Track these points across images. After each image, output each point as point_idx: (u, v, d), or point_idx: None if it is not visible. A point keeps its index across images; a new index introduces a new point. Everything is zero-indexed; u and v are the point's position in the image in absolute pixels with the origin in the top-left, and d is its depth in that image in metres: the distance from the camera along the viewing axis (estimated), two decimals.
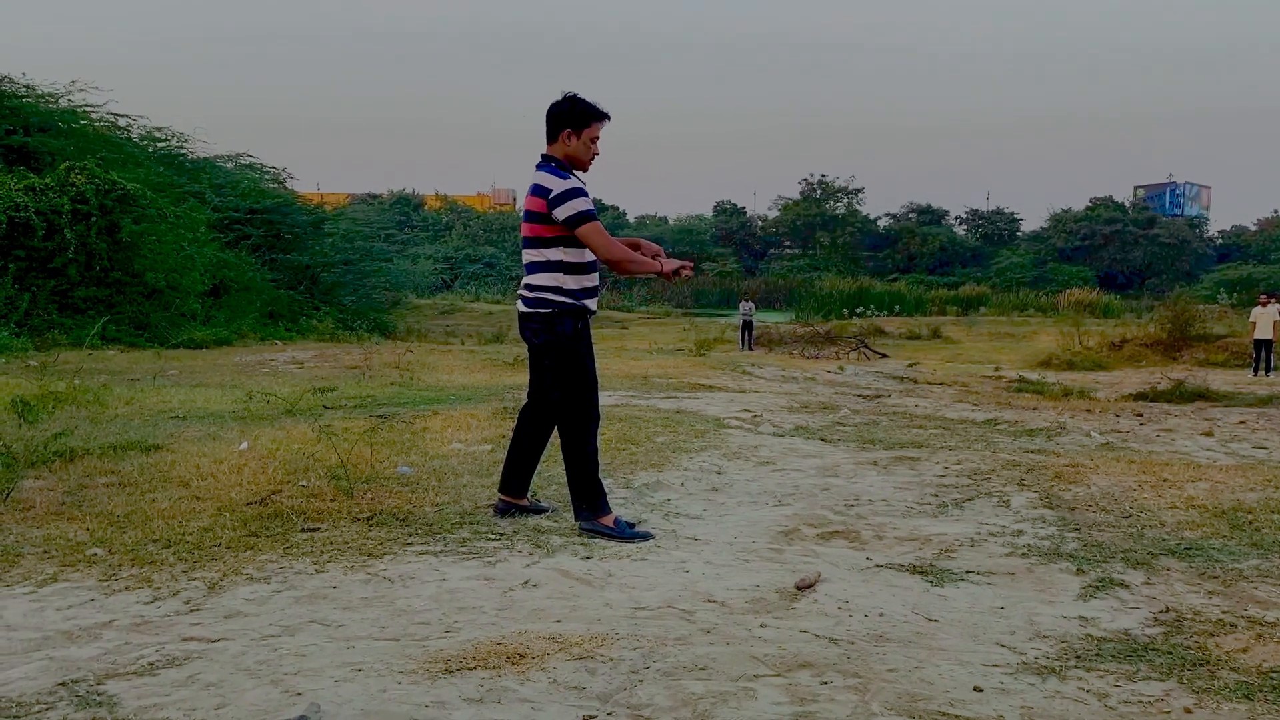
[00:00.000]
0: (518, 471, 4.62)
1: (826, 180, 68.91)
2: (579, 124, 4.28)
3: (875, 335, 30.76)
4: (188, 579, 3.60)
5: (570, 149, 4.31)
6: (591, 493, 4.37)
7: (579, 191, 4.22)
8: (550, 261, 4.30)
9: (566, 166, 4.32)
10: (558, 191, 4.19)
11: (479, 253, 61.96)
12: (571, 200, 4.17)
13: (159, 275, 18.27)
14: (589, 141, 4.32)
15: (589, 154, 4.35)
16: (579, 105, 4.29)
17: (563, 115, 4.30)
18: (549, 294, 4.31)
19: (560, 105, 4.30)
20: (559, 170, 4.28)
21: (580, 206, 4.18)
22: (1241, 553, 4.13)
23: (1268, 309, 19.20)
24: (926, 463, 6.39)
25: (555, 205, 4.19)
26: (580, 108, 4.29)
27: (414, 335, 25.68)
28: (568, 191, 4.18)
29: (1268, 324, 19.00)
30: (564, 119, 4.29)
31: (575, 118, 4.28)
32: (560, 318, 4.31)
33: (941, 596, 3.59)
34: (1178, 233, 63.19)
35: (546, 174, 4.27)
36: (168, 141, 25.40)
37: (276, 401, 7.69)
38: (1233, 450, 7.58)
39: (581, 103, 4.30)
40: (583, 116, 4.29)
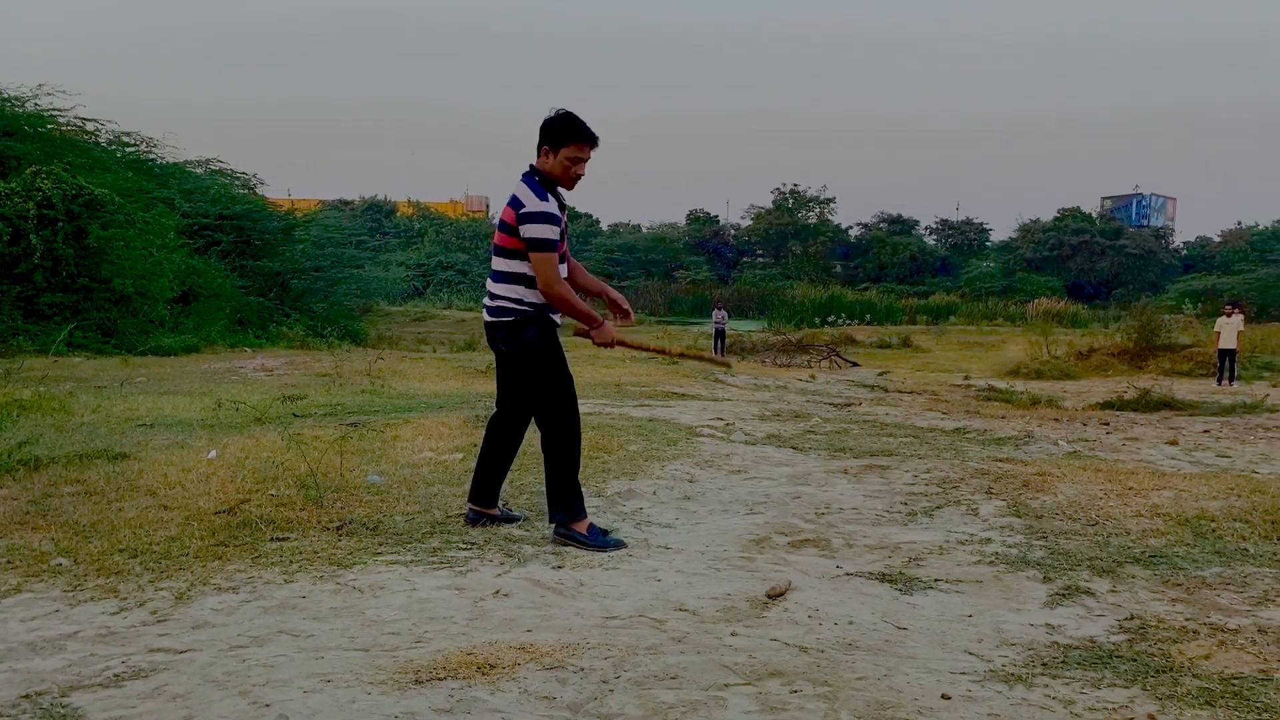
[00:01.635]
0: (487, 481, 4.61)
1: (799, 190, 69.32)
2: (556, 141, 4.21)
3: (846, 344, 30.94)
4: (155, 589, 3.57)
5: (548, 165, 4.25)
6: (567, 497, 4.35)
7: (548, 216, 4.17)
8: (514, 274, 4.29)
9: (549, 183, 4.27)
10: (528, 209, 4.17)
11: (451, 260, 61.76)
12: (537, 224, 4.15)
13: (127, 281, 18.06)
14: (566, 161, 4.22)
15: (567, 174, 4.26)
16: (560, 123, 4.22)
17: (544, 130, 4.24)
18: (510, 303, 4.32)
19: (547, 120, 4.24)
20: (538, 186, 4.23)
21: (541, 233, 4.15)
22: (1204, 560, 4.19)
23: (1232, 319, 19.47)
24: (896, 471, 6.44)
25: (522, 222, 4.17)
26: (560, 125, 4.21)
27: (385, 342, 25.55)
28: (537, 214, 4.16)
29: (1231, 334, 19.27)
30: (544, 134, 4.24)
31: (554, 135, 4.21)
32: (524, 324, 4.32)
33: (911, 604, 3.61)
34: (1144, 243, 63.98)
35: (526, 187, 4.23)
36: (136, 146, 25.15)
37: (246, 409, 7.65)
38: (1197, 459, 7.69)
39: (565, 121, 4.22)
40: (560, 135, 4.20)
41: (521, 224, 4.17)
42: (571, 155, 4.22)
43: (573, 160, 4.23)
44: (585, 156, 4.26)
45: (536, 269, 4.19)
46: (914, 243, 68.33)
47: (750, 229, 71.25)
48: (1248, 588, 3.78)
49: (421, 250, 63.41)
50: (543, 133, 4.24)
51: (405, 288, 52.34)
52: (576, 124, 4.23)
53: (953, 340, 35.98)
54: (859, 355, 27.60)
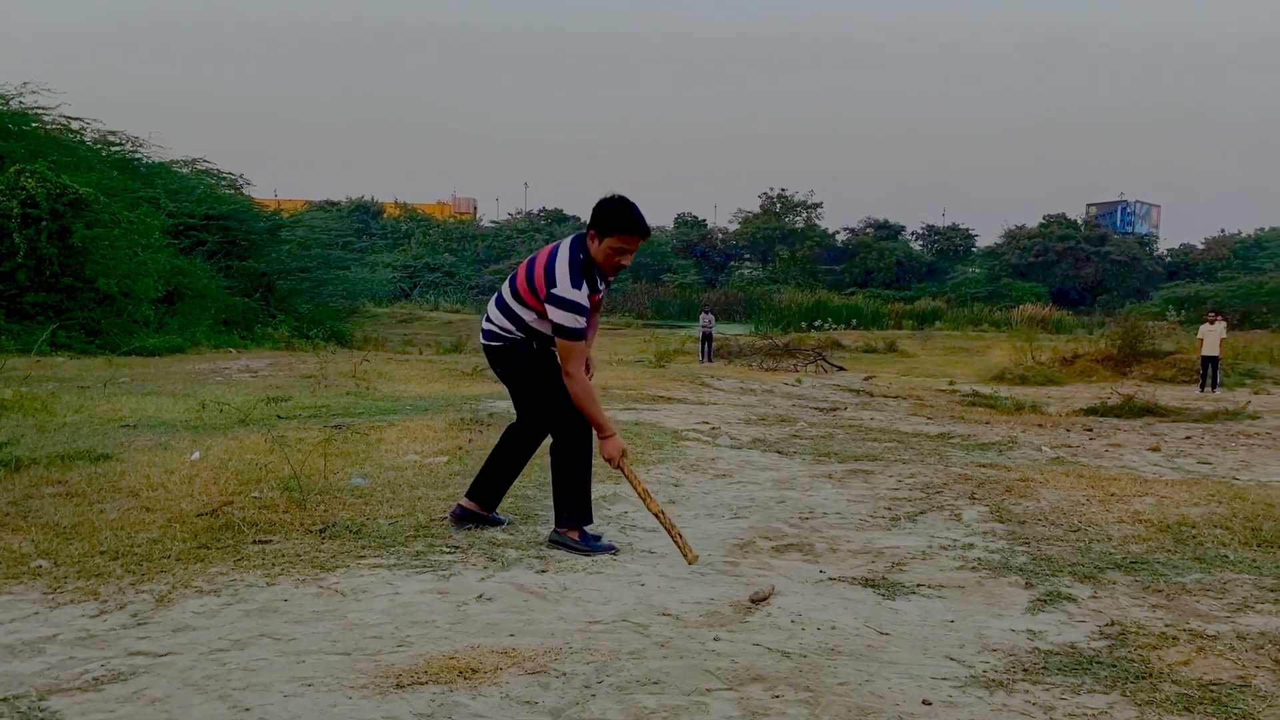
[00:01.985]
0: (492, 483, 4.60)
1: (786, 194, 69.43)
2: (604, 229, 4.08)
3: (833, 348, 30.99)
4: (135, 592, 3.55)
5: (593, 249, 4.13)
6: (574, 503, 4.34)
7: (577, 306, 4.05)
8: (519, 318, 4.28)
9: (589, 266, 4.14)
10: (558, 293, 4.05)
11: (438, 261, 61.68)
12: (565, 311, 4.04)
13: (111, 281, 17.97)
14: (610, 249, 4.09)
15: (609, 262, 4.14)
16: (610, 211, 4.08)
17: (595, 213, 4.12)
18: (503, 330, 4.36)
19: (600, 203, 4.13)
20: (577, 268, 4.08)
21: (567, 321, 4.05)
22: (1185, 566, 4.22)
23: (1214, 326, 19.61)
24: (880, 476, 6.46)
25: (550, 302, 4.07)
26: (609, 213, 4.08)
27: (371, 344, 25.48)
28: (567, 301, 4.04)
29: (1214, 341, 19.41)
30: (594, 217, 4.11)
31: (603, 221, 4.08)
32: (515, 345, 4.35)
33: (893, 609, 3.62)
34: (1128, 250, 64.32)
35: (566, 262, 4.08)
36: (122, 146, 25.05)
37: (230, 411, 7.62)
38: (1178, 465, 7.74)
39: (616, 210, 4.08)
40: (608, 223, 4.07)
41: (549, 304, 4.08)
42: (617, 246, 4.09)
43: (617, 250, 4.11)
44: (631, 248, 4.13)
45: (560, 353, 4.15)
46: (900, 248, 68.53)
47: (738, 233, 71.34)
48: (1227, 594, 3.80)
49: (408, 251, 63.32)
50: (593, 216, 4.12)
51: (392, 289, 52.23)
52: (627, 216, 4.09)
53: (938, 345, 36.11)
54: (845, 360, 27.66)
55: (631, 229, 4.09)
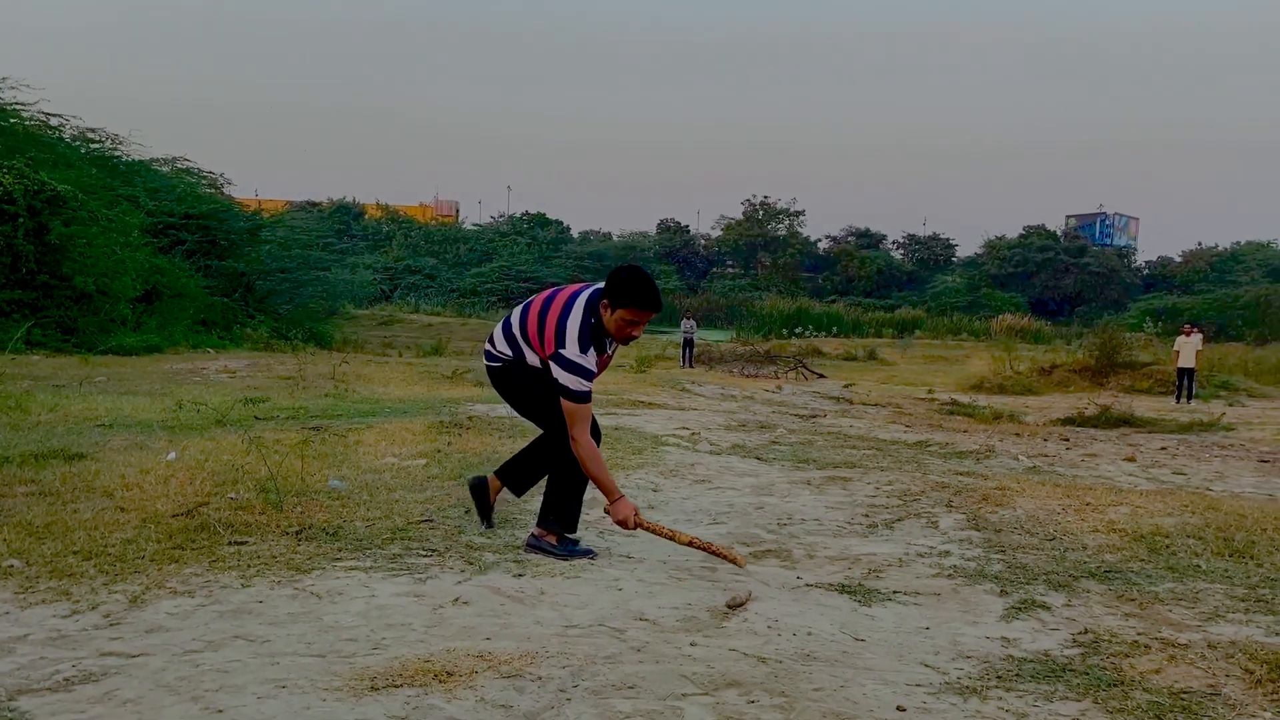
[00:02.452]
0: (521, 473, 4.59)
1: (768, 202, 69.72)
2: (617, 300, 4.07)
3: (813, 355, 31.12)
4: (108, 592, 3.52)
5: (605, 317, 4.13)
6: (565, 510, 4.37)
7: (583, 371, 4.06)
8: (523, 355, 4.31)
9: (599, 332, 4.15)
10: (565, 354, 4.06)
11: (420, 264, 61.52)
12: (570, 374, 4.05)
13: (89, 279, 17.84)
14: (621, 320, 4.10)
15: (620, 331, 4.15)
16: (625, 284, 4.07)
17: (609, 283, 4.12)
18: (505, 356, 4.37)
19: (616, 273, 4.13)
20: (586, 331, 4.09)
21: (573, 384, 4.05)
22: (1158, 576, 4.25)
23: (1190, 339, 19.82)
24: (859, 483, 6.48)
25: (555, 361, 4.09)
26: (624, 286, 4.07)
27: (351, 346, 25.41)
28: (573, 364, 4.05)
29: (1190, 353, 19.61)
30: (608, 287, 4.11)
31: (615, 293, 4.07)
32: (520, 362, 4.35)
33: (869, 616, 3.64)
34: (1107, 262, 64.90)
35: (577, 323, 4.10)
36: (101, 143, 24.88)
37: (207, 411, 7.57)
38: (1153, 476, 7.80)
39: (631, 284, 4.07)
40: (620, 296, 4.06)
41: (553, 362, 4.11)
42: (628, 318, 4.10)
43: (628, 322, 4.11)
44: (642, 321, 4.15)
45: (566, 415, 4.12)
46: (881, 257, 68.94)
47: (720, 239, 71.57)
48: (1199, 603, 3.84)
49: (390, 253, 63.12)
50: (608, 286, 4.12)
51: (372, 291, 52.07)
52: (640, 291, 4.08)
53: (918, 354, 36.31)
54: (825, 367, 27.76)
55: (644, 304, 4.09)
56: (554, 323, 4.14)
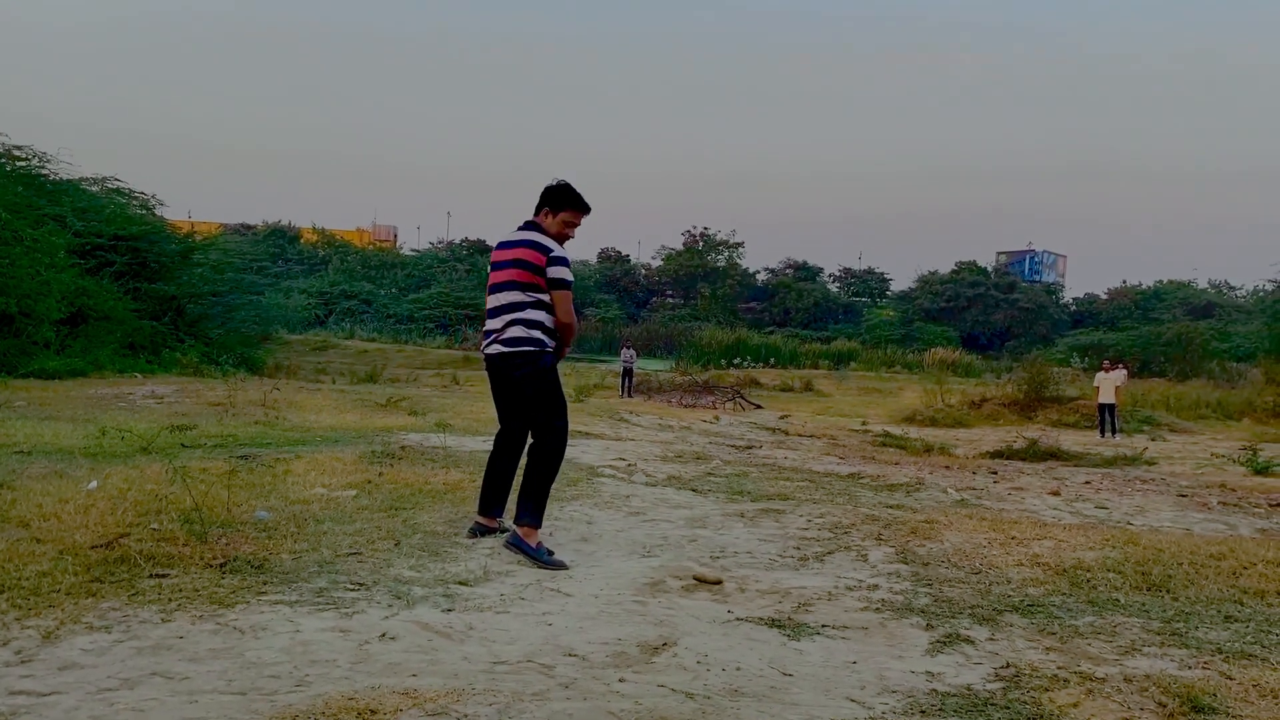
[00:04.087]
0: (497, 493, 5.18)
1: (709, 233, 70.27)
2: (556, 205, 4.90)
3: (751, 386, 31.37)
4: (20, 627, 3.41)
5: (546, 224, 4.90)
6: (541, 504, 4.92)
7: (568, 262, 4.89)
8: (536, 308, 4.85)
9: (549, 240, 4.88)
10: (556, 254, 4.83)
11: (356, 289, 60.83)
12: (564, 267, 4.85)
13: (10, 300, 17.35)
14: (562, 224, 4.92)
15: (560, 235, 4.93)
16: (561, 191, 4.91)
17: (546, 194, 4.93)
18: (538, 332, 4.86)
19: (549, 187, 4.93)
20: (551, 238, 4.87)
21: (567, 275, 4.87)
22: (1079, 609, 4.35)
23: (1110, 374, 20.41)
24: (791, 515, 6.54)
25: (551, 264, 4.79)
26: (560, 193, 4.90)
27: (283, 372, 25.00)
28: (564, 259, 4.86)
29: (1110, 388, 20.17)
30: (547, 197, 4.92)
31: (555, 200, 4.90)
32: (542, 354, 4.89)
33: (798, 650, 3.66)
34: (1036, 298, 66.45)
35: (540, 235, 4.87)
36: (28, 161, 24.24)
37: (131, 438, 7.40)
38: (1077, 510, 7.98)
39: (566, 190, 4.91)
40: (560, 200, 4.91)
41: (550, 265, 4.80)
42: (567, 219, 4.93)
43: (567, 224, 4.94)
44: (577, 223, 4.98)
45: (561, 305, 4.86)
46: (818, 289, 69.81)
47: (661, 269, 71.91)
48: (1117, 637, 3.93)
49: (325, 278, 62.34)
50: (545, 196, 4.93)
51: (307, 316, 51.34)
52: (575, 194, 4.93)
53: (853, 386, 36.78)
54: (763, 398, 27.99)
55: (580, 206, 4.95)
56: (529, 249, 4.83)
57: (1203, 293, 68.83)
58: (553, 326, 4.91)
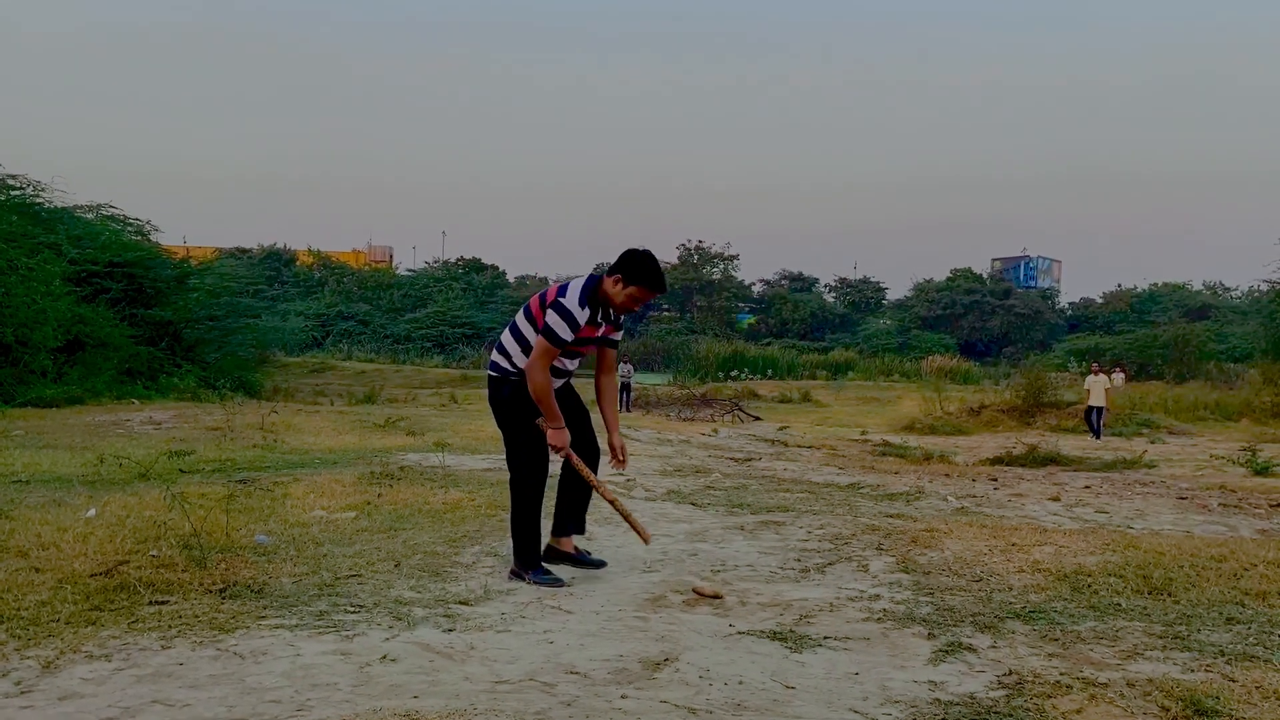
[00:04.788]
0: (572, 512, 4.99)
1: (703, 246, 70.37)
2: (631, 277, 4.56)
3: (749, 398, 31.38)
4: (20, 658, 3.40)
5: (612, 289, 4.59)
6: (522, 546, 4.77)
7: (571, 319, 4.51)
8: (527, 342, 4.63)
9: (596, 298, 4.60)
10: (561, 303, 4.51)
11: (352, 310, 60.85)
12: (559, 318, 4.50)
13: (6, 330, 17.35)
14: (629, 296, 4.58)
15: (624, 304, 4.61)
16: (641, 264, 4.58)
17: (626, 261, 4.60)
18: (504, 360, 4.69)
19: (632, 253, 4.61)
20: (586, 295, 4.56)
21: (556, 326, 4.49)
22: (1080, 615, 4.34)
23: (1099, 377, 20.50)
24: (791, 527, 6.53)
25: (553, 308, 4.51)
26: (640, 266, 4.57)
27: (281, 394, 24.99)
28: (565, 310, 4.50)
29: (1099, 391, 20.22)
30: (624, 264, 4.59)
31: (631, 270, 4.56)
32: (504, 381, 4.71)
33: (800, 663, 3.66)
34: (1031, 304, 66.57)
35: (577, 288, 4.57)
36: (22, 190, 24.25)
37: (129, 465, 7.39)
38: (1077, 515, 7.97)
39: (646, 265, 4.58)
40: (636, 274, 4.57)
41: (550, 309, 4.53)
42: (636, 295, 4.60)
43: (634, 299, 4.61)
44: (647, 300, 4.70)
45: (536, 348, 4.53)
46: (814, 300, 69.90)
47: None
48: (1119, 642, 3.93)
49: (322, 300, 62.37)
50: (623, 262, 4.60)
51: (304, 338, 51.30)
52: (656, 273, 4.63)
53: (851, 395, 36.78)
54: (761, 409, 27.99)
55: (655, 285, 4.64)
56: (556, 287, 4.62)
57: (1198, 294, 68.99)
58: (523, 362, 4.64)
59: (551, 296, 4.59)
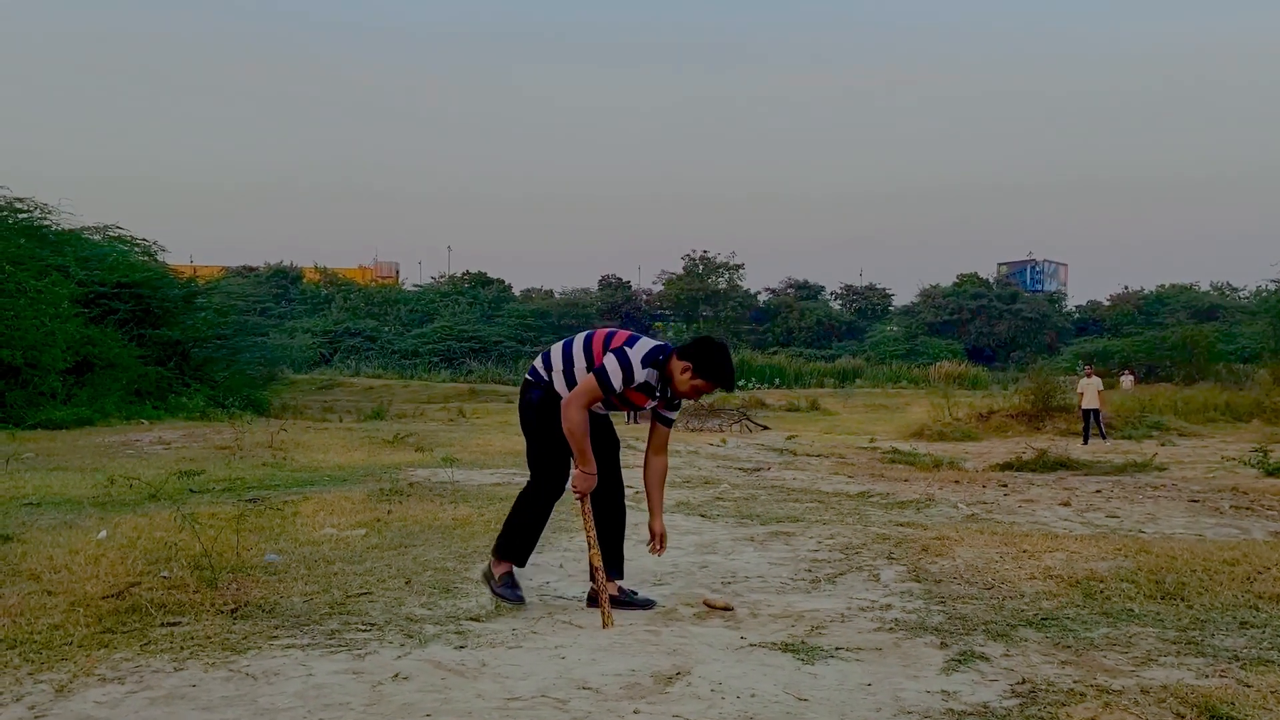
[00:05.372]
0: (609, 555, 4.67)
1: (708, 256, 70.42)
2: (700, 368, 4.37)
3: (757, 408, 31.32)
4: (34, 682, 3.41)
5: (677, 372, 4.40)
6: (509, 539, 4.62)
7: (628, 373, 4.35)
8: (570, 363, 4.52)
9: (663, 376, 4.45)
10: (624, 357, 4.35)
11: (359, 326, 61.01)
12: (615, 367, 4.33)
13: (16, 352, 17.42)
14: (693, 386, 4.40)
15: (685, 391, 4.45)
16: (714, 359, 4.38)
17: (700, 351, 4.40)
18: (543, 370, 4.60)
19: (708, 345, 4.42)
20: (651, 359, 4.39)
21: (610, 373, 4.33)
22: (1093, 621, 4.33)
23: (1091, 380, 20.43)
24: (801, 538, 6.52)
25: (614, 353, 4.36)
26: (712, 360, 4.38)
27: (290, 412, 25.03)
28: (627, 363, 4.34)
29: (1093, 394, 20.15)
30: (697, 353, 4.39)
31: (702, 362, 4.37)
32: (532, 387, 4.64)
33: (812, 674, 3.65)
34: (1038, 307, 66.43)
35: (645, 349, 4.41)
36: (30, 213, 24.42)
37: (140, 486, 7.43)
38: (1088, 520, 7.95)
39: (719, 361, 4.39)
40: (706, 367, 4.37)
41: (610, 353, 4.38)
42: (701, 387, 4.42)
43: (697, 390, 4.44)
44: (709, 392, 4.51)
45: (581, 385, 4.37)
46: (820, 308, 69.87)
47: (662, 294, 72.02)
48: (1132, 648, 3.91)
49: (329, 317, 62.58)
50: (697, 353, 4.39)
51: (312, 355, 51.47)
52: (726, 373, 4.42)
53: (859, 403, 36.74)
54: (769, 419, 27.96)
55: (723, 383, 4.44)
56: (625, 336, 4.51)
57: (1205, 295, 68.74)
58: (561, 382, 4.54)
59: (618, 342, 4.45)
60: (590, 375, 4.37)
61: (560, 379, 4.53)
